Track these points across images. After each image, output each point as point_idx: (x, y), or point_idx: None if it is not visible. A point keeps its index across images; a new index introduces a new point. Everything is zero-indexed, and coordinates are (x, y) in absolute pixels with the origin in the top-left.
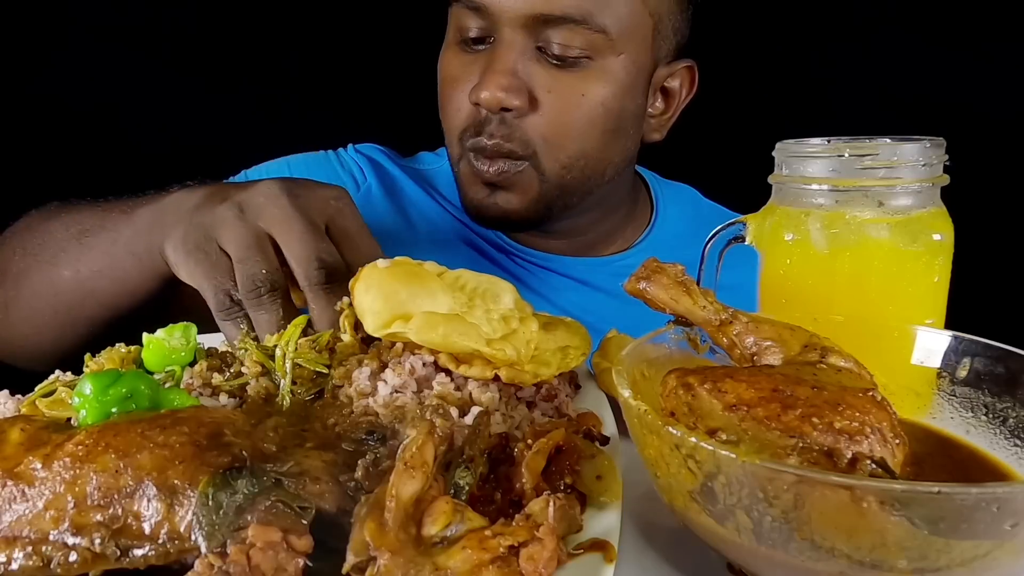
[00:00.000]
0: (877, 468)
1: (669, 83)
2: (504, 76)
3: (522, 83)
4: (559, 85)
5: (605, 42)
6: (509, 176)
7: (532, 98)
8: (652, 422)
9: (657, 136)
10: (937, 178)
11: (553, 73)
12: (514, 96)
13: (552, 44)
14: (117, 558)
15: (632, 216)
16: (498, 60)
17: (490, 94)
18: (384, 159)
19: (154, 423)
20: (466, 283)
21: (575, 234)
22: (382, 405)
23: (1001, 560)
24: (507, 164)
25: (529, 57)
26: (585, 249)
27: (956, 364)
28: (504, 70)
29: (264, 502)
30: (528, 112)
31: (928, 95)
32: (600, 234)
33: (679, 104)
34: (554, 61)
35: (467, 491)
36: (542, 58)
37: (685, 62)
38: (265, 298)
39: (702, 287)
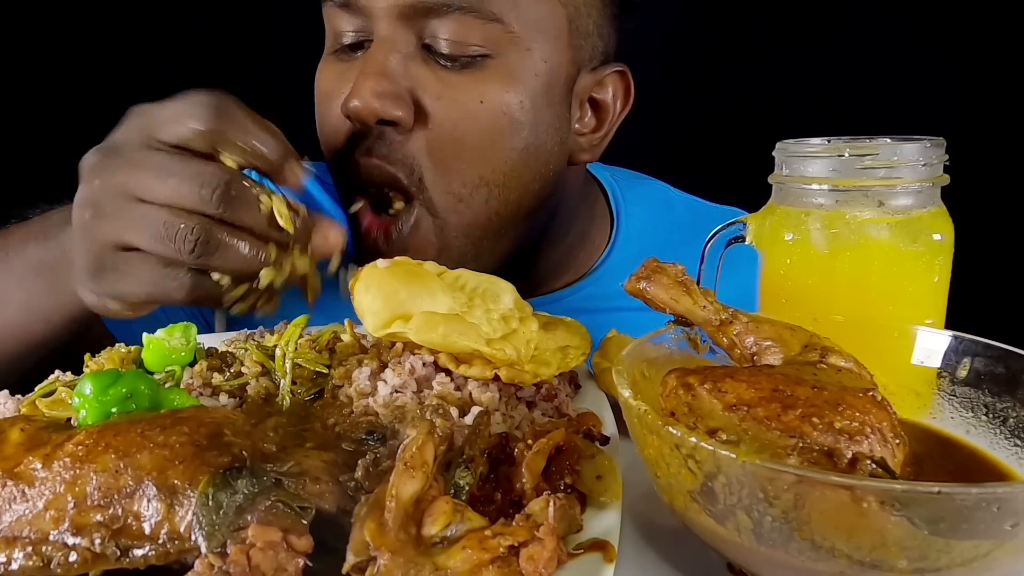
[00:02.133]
0: (877, 468)
1: (598, 94)
2: (379, 80)
3: (403, 90)
4: (451, 90)
5: (505, 35)
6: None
7: (419, 109)
8: (652, 422)
9: (588, 157)
10: (937, 178)
11: (444, 76)
12: (393, 104)
13: (439, 40)
14: (117, 558)
15: (587, 236)
16: (371, 61)
17: (362, 103)
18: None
19: (154, 423)
20: (466, 283)
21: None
22: (382, 405)
23: (1001, 560)
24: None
25: (413, 58)
26: (532, 288)
27: (956, 364)
28: (378, 72)
29: (264, 502)
30: (414, 128)
31: (928, 95)
32: (547, 267)
33: (614, 119)
34: (445, 62)
35: (467, 491)
36: (430, 59)
37: (614, 66)
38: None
39: (702, 287)
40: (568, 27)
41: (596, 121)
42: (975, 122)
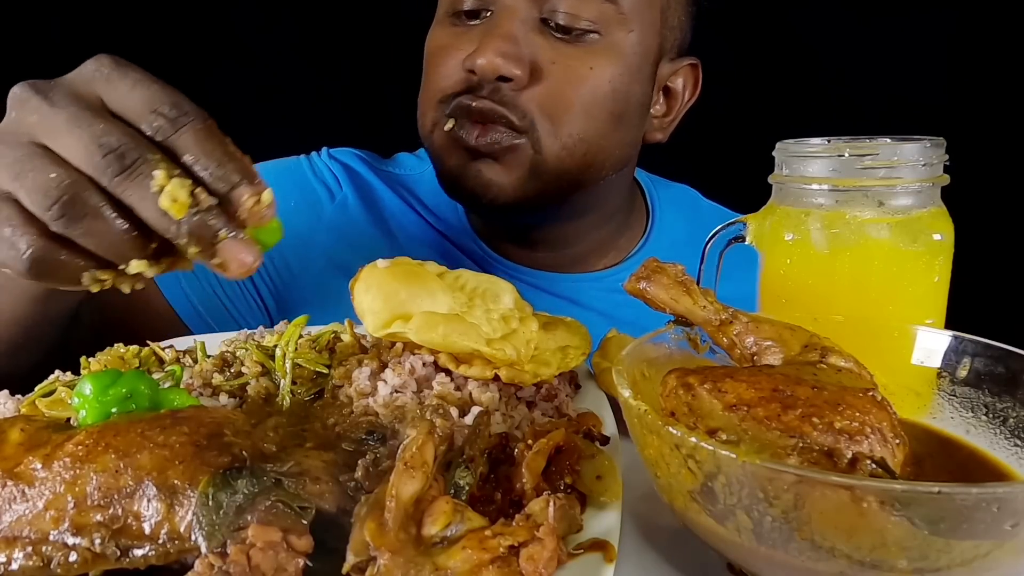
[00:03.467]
0: (877, 468)
1: (672, 82)
2: (504, 41)
3: (524, 53)
4: (564, 58)
5: (616, 15)
6: (498, 146)
7: (535, 70)
8: (652, 422)
9: (660, 136)
10: (937, 178)
11: (558, 46)
12: (515, 64)
13: (558, 13)
14: (117, 558)
15: (627, 224)
16: (498, 26)
17: (487, 60)
18: (361, 165)
19: (154, 423)
20: (466, 283)
21: (564, 245)
22: (382, 405)
23: (1001, 560)
24: (498, 134)
25: (532, 28)
26: (574, 263)
27: (956, 364)
28: (506, 35)
29: (264, 502)
30: (528, 85)
31: (928, 95)
32: (592, 245)
33: (681, 106)
34: (559, 34)
35: (467, 491)
36: (546, 30)
37: (689, 59)
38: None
39: (702, 287)
40: (661, 17)
41: (666, 107)
42: (975, 122)
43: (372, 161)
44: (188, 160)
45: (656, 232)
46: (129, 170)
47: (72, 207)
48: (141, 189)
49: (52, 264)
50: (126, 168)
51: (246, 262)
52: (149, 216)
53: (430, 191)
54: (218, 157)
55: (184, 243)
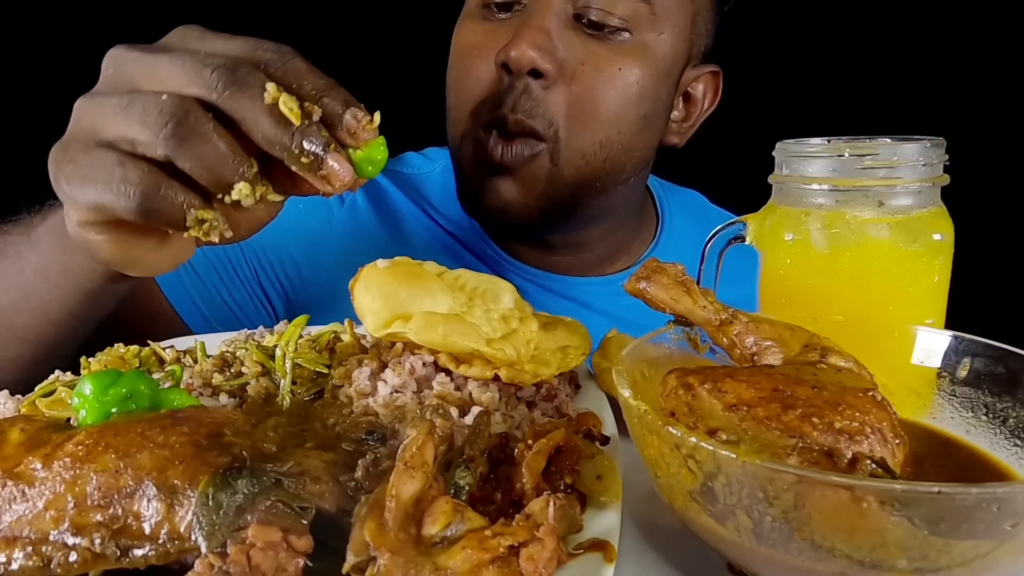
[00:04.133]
0: (877, 468)
1: (693, 88)
2: (539, 34)
3: (556, 48)
4: (594, 57)
5: (648, 15)
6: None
7: (564, 69)
8: (652, 422)
9: (677, 140)
10: (937, 178)
11: (589, 44)
12: (549, 58)
13: (591, 9)
14: (117, 558)
15: (638, 229)
16: (533, 18)
17: (521, 52)
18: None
19: (154, 423)
20: (466, 283)
21: (578, 249)
22: (382, 405)
23: (1001, 560)
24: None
25: (564, 23)
26: (588, 267)
27: (956, 364)
28: (538, 28)
29: (264, 502)
30: (557, 83)
31: (928, 95)
32: (605, 250)
33: (701, 113)
34: (591, 31)
35: (467, 491)
36: (578, 26)
37: (711, 67)
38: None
39: (702, 287)
40: (691, 21)
41: (685, 113)
42: (975, 122)
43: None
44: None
45: (665, 237)
46: (241, 83)
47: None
48: (255, 100)
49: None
50: (237, 81)
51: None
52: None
53: (439, 191)
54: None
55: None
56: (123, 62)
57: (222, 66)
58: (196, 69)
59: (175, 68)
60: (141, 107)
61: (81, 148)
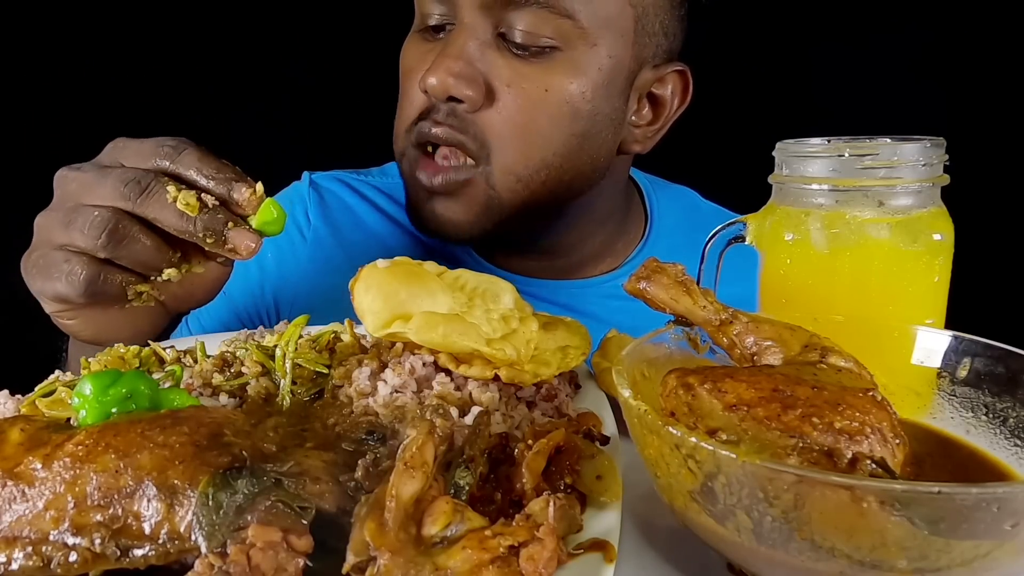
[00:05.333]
0: (877, 468)
1: (658, 90)
2: (455, 61)
3: (478, 73)
4: (520, 78)
5: (575, 30)
6: (453, 182)
7: (489, 92)
8: (652, 422)
9: (639, 148)
10: (937, 178)
11: (515, 65)
12: (465, 85)
13: (515, 31)
14: (117, 558)
15: (624, 229)
16: (451, 44)
17: (437, 80)
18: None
19: (154, 423)
20: (466, 283)
21: (558, 254)
22: (382, 405)
23: (1001, 560)
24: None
25: (489, 45)
26: (570, 270)
27: (956, 364)
28: (456, 55)
29: (264, 502)
30: (484, 107)
31: (928, 95)
32: (587, 253)
33: (670, 115)
34: (517, 51)
35: (467, 491)
36: (504, 47)
37: (675, 66)
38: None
39: (702, 287)
40: (635, 26)
41: (652, 115)
42: (975, 122)
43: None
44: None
45: (654, 235)
46: (147, 191)
47: (115, 233)
48: (160, 202)
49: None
50: (144, 190)
51: (250, 243)
52: (171, 222)
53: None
54: (214, 166)
55: (201, 236)
56: (66, 182)
57: (132, 180)
58: (116, 187)
59: (102, 187)
60: (81, 221)
61: (41, 254)
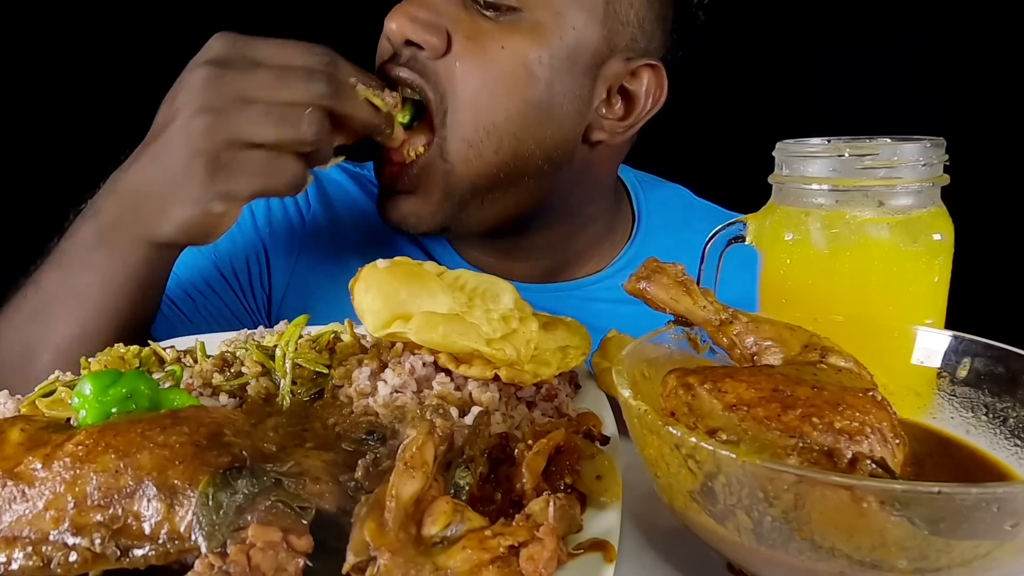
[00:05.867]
0: (877, 468)
1: (631, 85)
2: (418, 8)
3: (440, 22)
4: (479, 33)
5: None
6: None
7: (450, 43)
8: (652, 422)
9: (604, 137)
10: (937, 178)
11: (477, 20)
12: (424, 30)
13: None
14: (117, 558)
15: (610, 230)
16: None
17: (397, 25)
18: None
19: (154, 423)
20: (466, 283)
21: (539, 256)
22: (382, 405)
23: (1001, 560)
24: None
25: (456, 2)
26: (554, 273)
27: (956, 364)
28: (419, 2)
29: (264, 502)
30: (445, 56)
31: (928, 95)
32: (570, 254)
33: (642, 112)
34: (482, 9)
35: (467, 491)
36: (470, 4)
37: (646, 60)
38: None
39: (702, 287)
40: (604, 7)
41: (624, 111)
42: (975, 122)
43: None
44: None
45: (642, 237)
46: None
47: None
48: (355, 100)
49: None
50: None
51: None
52: (365, 116)
53: None
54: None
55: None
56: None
57: (324, 82)
58: (308, 87)
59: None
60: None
61: (230, 155)
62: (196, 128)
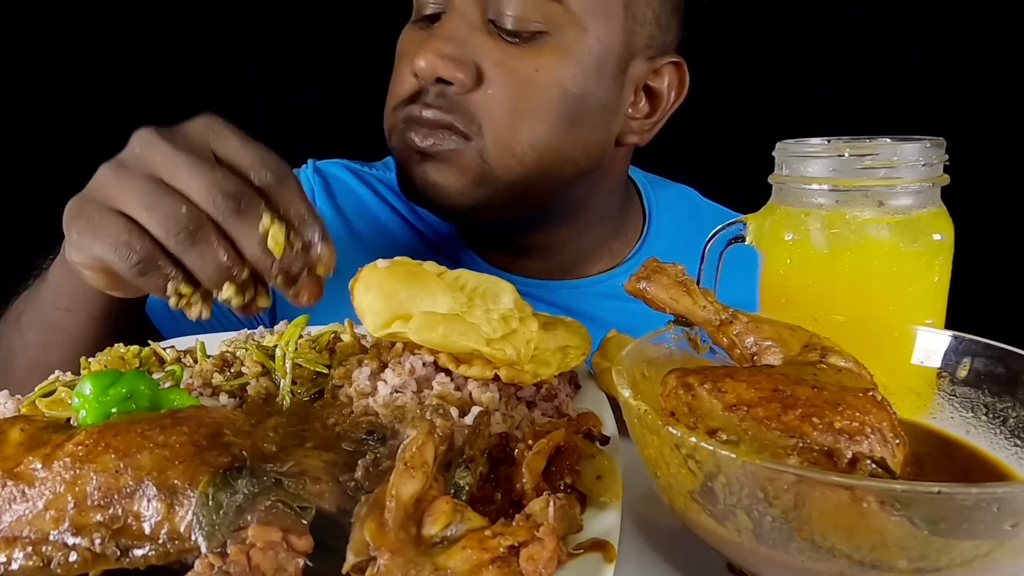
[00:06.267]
0: (877, 468)
1: (654, 82)
2: (445, 43)
3: (468, 56)
4: (509, 59)
5: (564, 15)
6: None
7: (479, 74)
8: (652, 422)
9: (636, 139)
10: (937, 178)
11: (505, 48)
12: (455, 67)
13: (505, 16)
14: (117, 558)
15: (621, 229)
16: (442, 27)
17: (426, 62)
18: (346, 174)
19: (154, 423)
20: (466, 283)
21: (552, 252)
22: (382, 405)
23: (1001, 560)
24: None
25: (479, 29)
26: (565, 270)
27: (956, 364)
28: (445, 37)
29: (264, 502)
30: (474, 88)
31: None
32: (582, 251)
33: (667, 108)
34: (507, 36)
35: (467, 491)
36: (494, 32)
37: (670, 57)
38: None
39: (702, 287)
40: (624, 12)
41: (649, 108)
42: (975, 122)
43: (358, 169)
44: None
45: (653, 235)
46: (243, 213)
47: (193, 236)
48: (250, 229)
49: (153, 270)
50: (240, 211)
51: (317, 295)
52: (252, 252)
53: None
54: (310, 213)
55: (274, 275)
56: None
57: (232, 195)
58: (210, 192)
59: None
60: (163, 207)
61: (96, 209)
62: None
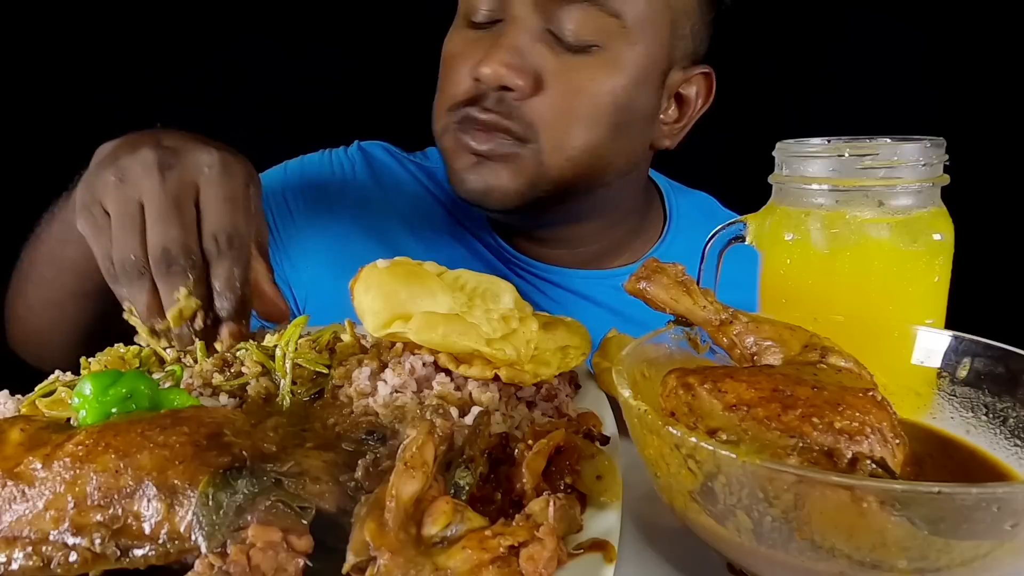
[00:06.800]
0: (877, 468)
1: (684, 90)
2: (510, 53)
3: (528, 64)
4: (567, 69)
5: (619, 29)
6: (502, 152)
7: (538, 82)
8: (652, 422)
9: (668, 143)
10: (937, 178)
11: (563, 58)
12: (517, 75)
13: (564, 28)
14: (117, 558)
15: (642, 228)
16: (505, 36)
17: (492, 70)
18: (385, 155)
19: (154, 423)
20: (466, 283)
21: (576, 244)
22: (382, 405)
23: (1001, 560)
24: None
25: (539, 39)
26: (588, 261)
27: (956, 364)
28: (511, 47)
29: (264, 502)
30: (531, 95)
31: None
32: (606, 245)
33: (694, 113)
34: (564, 47)
35: (467, 491)
36: (552, 42)
37: (702, 68)
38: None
39: (702, 287)
40: (670, 28)
41: (678, 113)
42: (975, 122)
43: (397, 153)
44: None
45: (672, 236)
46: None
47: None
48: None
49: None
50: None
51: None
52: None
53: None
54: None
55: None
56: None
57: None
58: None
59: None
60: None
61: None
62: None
